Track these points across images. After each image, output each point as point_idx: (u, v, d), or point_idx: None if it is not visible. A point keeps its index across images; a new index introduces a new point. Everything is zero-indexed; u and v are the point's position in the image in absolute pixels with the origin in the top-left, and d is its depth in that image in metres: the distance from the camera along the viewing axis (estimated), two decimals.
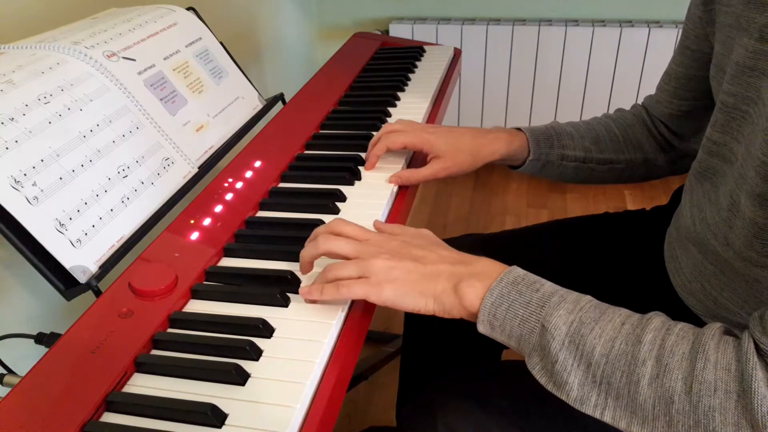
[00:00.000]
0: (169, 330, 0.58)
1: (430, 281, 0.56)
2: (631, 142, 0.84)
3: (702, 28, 0.69)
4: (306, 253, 0.60)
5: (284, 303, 0.59)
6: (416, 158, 0.87)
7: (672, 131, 0.83)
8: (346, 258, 0.58)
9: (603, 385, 0.48)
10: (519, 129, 0.84)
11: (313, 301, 0.59)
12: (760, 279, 0.56)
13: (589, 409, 0.49)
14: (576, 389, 0.49)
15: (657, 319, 0.49)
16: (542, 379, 0.51)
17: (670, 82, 0.79)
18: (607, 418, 0.48)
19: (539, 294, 0.52)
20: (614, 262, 0.83)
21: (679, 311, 0.67)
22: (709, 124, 0.64)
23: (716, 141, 0.61)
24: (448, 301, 0.55)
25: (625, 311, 0.51)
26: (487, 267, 0.56)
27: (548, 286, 0.53)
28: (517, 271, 0.55)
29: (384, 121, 0.96)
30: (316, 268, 0.62)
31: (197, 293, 0.61)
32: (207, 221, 0.71)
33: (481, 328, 0.55)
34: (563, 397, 0.50)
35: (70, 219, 0.63)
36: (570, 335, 0.49)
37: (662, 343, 0.47)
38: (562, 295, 0.52)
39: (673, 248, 0.70)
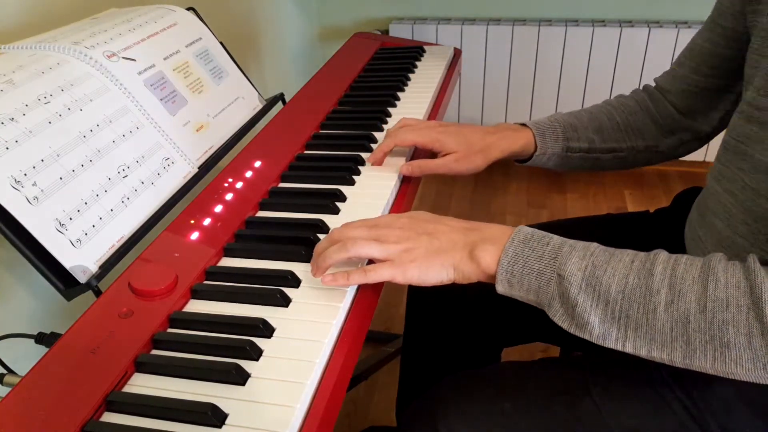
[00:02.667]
0: (169, 330, 0.58)
1: (447, 253, 0.59)
2: (632, 130, 0.84)
3: (741, 5, 0.69)
4: (332, 257, 0.60)
5: (284, 303, 0.59)
6: (417, 156, 0.87)
7: (680, 110, 0.82)
8: (374, 258, 0.60)
9: (622, 319, 0.51)
10: (524, 124, 0.84)
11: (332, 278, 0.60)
12: None
13: (611, 343, 0.52)
14: (597, 327, 0.52)
15: (663, 254, 0.53)
16: (564, 324, 0.54)
17: (693, 58, 0.78)
18: (629, 349, 0.52)
19: (550, 247, 0.55)
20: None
21: None
22: (752, 89, 0.63)
23: (759, 106, 0.60)
24: (466, 269, 0.58)
25: (631, 251, 0.54)
26: (497, 230, 0.59)
27: (556, 238, 0.57)
28: (526, 229, 0.58)
29: (384, 121, 0.96)
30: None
31: (197, 293, 0.61)
32: (207, 221, 0.71)
33: (500, 288, 0.57)
34: (586, 337, 0.53)
35: (70, 219, 0.63)
36: (586, 279, 0.53)
37: (672, 272, 0.51)
38: (571, 244, 0.55)
39: (695, 229, 0.71)
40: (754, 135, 0.61)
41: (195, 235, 0.69)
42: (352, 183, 0.79)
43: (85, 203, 0.65)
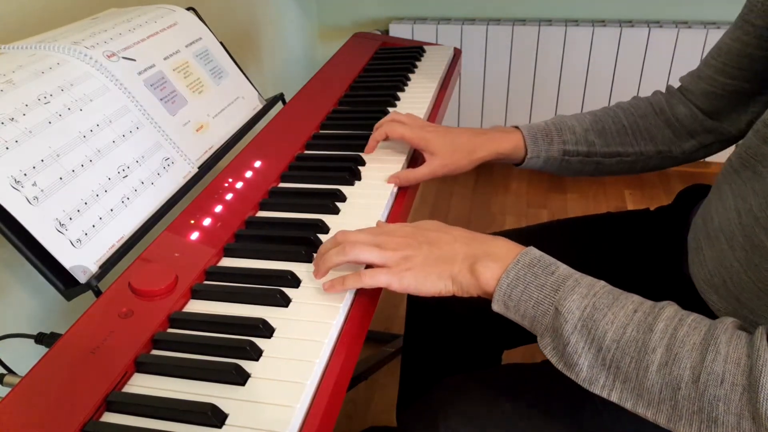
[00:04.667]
0: (169, 330, 0.58)
1: (446, 263, 0.57)
2: (641, 134, 0.81)
3: None
4: (332, 259, 0.60)
5: (284, 303, 0.59)
6: (417, 158, 0.87)
7: (704, 112, 0.78)
8: (372, 263, 0.59)
9: (612, 368, 0.49)
10: (517, 127, 0.83)
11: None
12: None
13: (597, 390, 0.50)
14: (586, 370, 0.50)
15: (670, 309, 0.50)
16: (553, 359, 0.53)
17: (719, 57, 0.74)
18: (614, 398, 0.50)
19: (554, 277, 0.53)
20: (621, 262, 0.83)
21: (695, 308, 0.65)
22: None
23: None
24: (465, 281, 0.56)
25: (637, 298, 0.52)
26: (503, 248, 0.57)
27: (563, 269, 0.54)
28: (533, 252, 0.56)
29: None
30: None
31: (197, 293, 0.61)
32: (207, 221, 0.71)
33: (496, 307, 0.56)
34: (572, 377, 0.52)
35: (70, 219, 0.63)
36: (583, 320, 0.50)
37: (674, 333, 0.48)
38: (576, 279, 0.53)
39: (698, 239, 0.68)
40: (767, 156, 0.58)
41: (195, 235, 0.69)
42: (352, 183, 0.79)
43: (85, 203, 0.65)
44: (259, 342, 0.54)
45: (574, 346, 0.50)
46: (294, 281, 0.62)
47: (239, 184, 0.78)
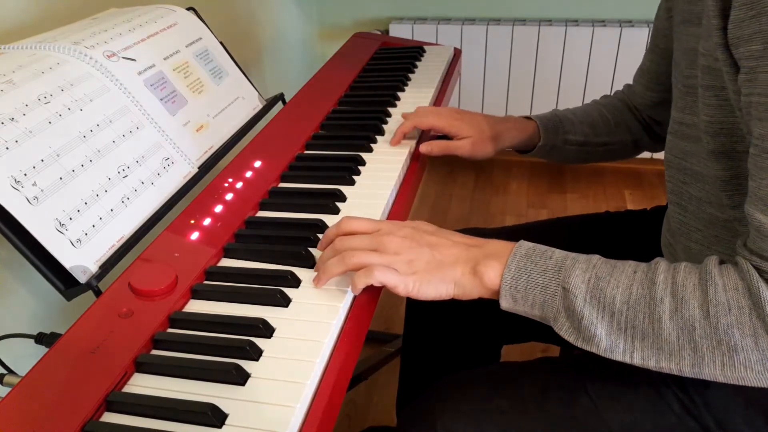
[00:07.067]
0: (169, 330, 0.58)
1: (448, 267, 0.58)
2: (620, 126, 0.91)
3: (669, 28, 0.76)
4: (332, 269, 0.59)
5: (284, 303, 0.59)
6: (416, 157, 0.87)
7: (650, 117, 0.90)
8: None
9: (628, 330, 0.51)
10: (529, 117, 0.90)
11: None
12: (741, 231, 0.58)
13: (618, 356, 0.53)
14: (604, 339, 0.52)
15: (663, 263, 0.53)
16: (571, 338, 0.54)
17: (643, 76, 0.88)
18: (637, 360, 0.52)
19: (553, 261, 0.55)
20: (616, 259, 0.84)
21: None
22: (674, 109, 0.67)
23: (687, 123, 0.64)
24: (468, 284, 0.58)
25: (633, 262, 0.55)
26: (499, 246, 0.59)
27: (558, 252, 0.57)
28: (527, 244, 0.58)
29: (384, 122, 0.96)
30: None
31: (197, 293, 0.61)
32: (207, 221, 0.71)
33: (504, 303, 0.57)
34: (593, 350, 0.53)
35: (71, 219, 0.63)
36: (590, 291, 0.53)
37: (673, 280, 0.51)
38: (573, 257, 0.55)
39: (666, 237, 0.74)
40: (690, 150, 0.64)
41: (195, 235, 0.69)
42: (352, 183, 0.79)
43: (85, 203, 0.65)
44: (259, 342, 0.54)
45: (589, 317, 0.52)
46: (294, 281, 0.62)
47: (239, 184, 0.78)
